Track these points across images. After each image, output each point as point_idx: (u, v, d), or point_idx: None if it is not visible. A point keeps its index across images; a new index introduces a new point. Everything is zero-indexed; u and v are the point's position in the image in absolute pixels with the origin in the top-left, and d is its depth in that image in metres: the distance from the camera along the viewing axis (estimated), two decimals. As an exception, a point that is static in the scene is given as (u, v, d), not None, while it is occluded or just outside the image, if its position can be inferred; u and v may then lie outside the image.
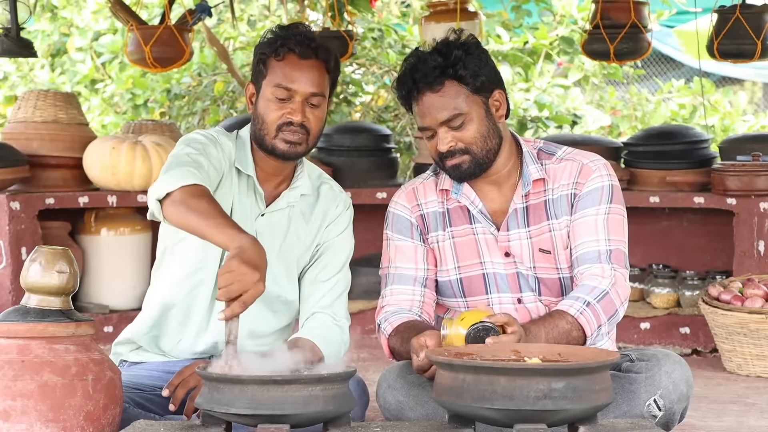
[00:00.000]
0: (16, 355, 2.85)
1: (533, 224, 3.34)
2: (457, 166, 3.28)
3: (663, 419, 3.16)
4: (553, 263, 3.34)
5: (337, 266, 3.38)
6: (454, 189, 3.37)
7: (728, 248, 5.44)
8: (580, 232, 3.32)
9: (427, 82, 3.23)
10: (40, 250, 2.95)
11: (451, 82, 3.23)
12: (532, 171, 3.34)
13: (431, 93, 3.24)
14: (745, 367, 4.82)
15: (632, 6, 5.72)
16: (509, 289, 3.35)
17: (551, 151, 3.40)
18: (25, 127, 5.69)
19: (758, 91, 12.69)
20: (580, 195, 3.34)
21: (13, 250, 5.42)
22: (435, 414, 3.15)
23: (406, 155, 7.74)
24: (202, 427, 2.77)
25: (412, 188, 3.45)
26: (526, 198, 3.35)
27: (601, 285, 3.24)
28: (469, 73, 3.23)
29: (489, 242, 3.35)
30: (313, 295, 3.35)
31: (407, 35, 8.57)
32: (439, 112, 3.23)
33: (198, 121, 8.10)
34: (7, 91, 9.36)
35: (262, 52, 3.26)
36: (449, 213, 3.39)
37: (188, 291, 3.30)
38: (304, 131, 3.23)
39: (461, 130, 3.24)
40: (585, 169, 3.36)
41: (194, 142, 3.21)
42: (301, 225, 3.36)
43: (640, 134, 5.93)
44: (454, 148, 3.26)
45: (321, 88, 3.25)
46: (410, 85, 3.27)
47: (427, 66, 3.23)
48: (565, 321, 3.17)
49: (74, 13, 9.33)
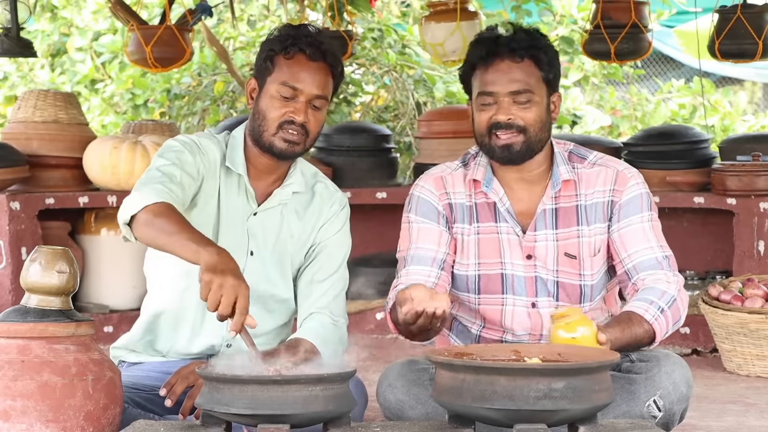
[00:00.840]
0: (16, 355, 2.85)
1: (561, 227, 3.33)
2: (508, 146, 3.25)
3: (662, 420, 3.16)
4: (577, 269, 3.33)
5: (333, 266, 3.37)
6: (485, 181, 3.34)
7: (728, 248, 5.43)
8: (630, 240, 3.31)
9: (511, 49, 3.24)
10: (40, 250, 2.95)
11: (530, 61, 3.25)
12: (562, 171, 3.33)
13: (510, 61, 3.24)
14: (745, 367, 4.82)
15: (632, 6, 5.72)
16: (525, 293, 3.34)
17: (582, 154, 3.39)
18: (25, 127, 5.69)
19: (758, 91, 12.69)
20: (620, 203, 3.33)
21: (13, 250, 5.43)
22: (435, 413, 3.14)
23: (406, 155, 7.74)
24: (202, 427, 2.77)
25: (440, 176, 3.42)
26: (555, 200, 3.33)
27: (670, 290, 3.24)
28: (548, 61, 3.27)
29: (512, 243, 3.33)
30: (311, 295, 3.34)
31: (407, 35, 8.57)
32: (512, 81, 3.23)
33: (198, 121, 8.10)
34: (7, 91, 9.36)
35: (270, 49, 3.25)
36: (476, 208, 3.37)
37: (178, 296, 3.29)
38: (303, 132, 3.23)
39: (525, 107, 3.24)
40: (621, 176, 3.35)
41: (168, 150, 3.22)
42: (294, 223, 3.35)
43: (640, 134, 5.93)
44: (513, 122, 3.23)
45: (325, 91, 3.25)
46: (492, 46, 3.26)
47: (515, 38, 3.26)
48: (642, 329, 3.17)
49: (74, 13, 9.33)
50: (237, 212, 3.30)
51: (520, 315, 3.34)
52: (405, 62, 8.26)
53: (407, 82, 8.02)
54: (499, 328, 3.38)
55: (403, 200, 3.28)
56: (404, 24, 8.98)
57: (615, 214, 3.33)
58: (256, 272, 3.26)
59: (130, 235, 3.02)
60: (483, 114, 3.27)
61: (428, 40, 5.97)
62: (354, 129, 6.25)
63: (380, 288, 5.91)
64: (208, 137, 3.32)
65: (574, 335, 3.00)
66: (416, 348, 5.48)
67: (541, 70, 3.26)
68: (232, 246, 3.23)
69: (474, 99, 3.31)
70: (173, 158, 3.18)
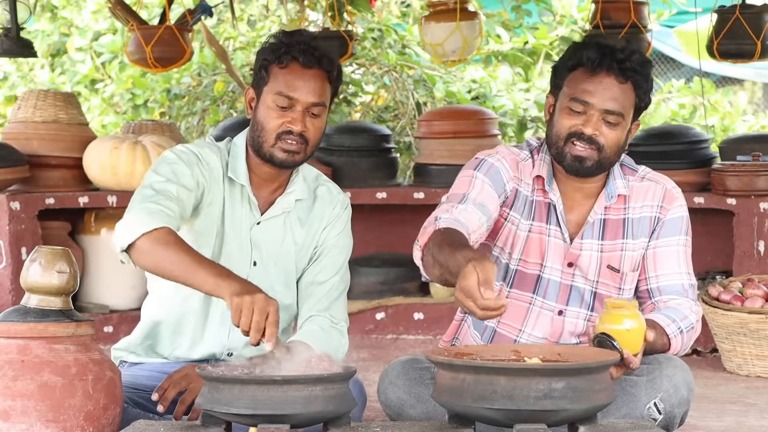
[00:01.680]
0: (16, 355, 2.85)
1: (608, 239, 3.32)
2: (581, 159, 3.22)
3: (663, 423, 3.16)
4: (618, 282, 3.33)
5: (335, 267, 3.34)
6: (548, 180, 3.31)
7: (728, 248, 5.43)
8: (662, 261, 3.32)
9: (620, 69, 3.19)
10: (40, 250, 2.95)
11: (631, 86, 3.21)
12: (618, 185, 3.32)
13: (614, 79, 3.20)
14: (745, 367, 4.82)
15: (632, 6, 5.72)
16: (555, 299, 3.33)
17: (633, 167, 3.39)
18: (25, 127, 5.69)
19: (758, 91, 12.69)
20: (664, 221, 3.33)
21: (13, 250, 5.43)
22: (435, 412, 3.14)
23: (405, 155, 7.74)
24: (202, 427, 2.77)
25: (517, 159, 3.34)
26: (606, 210, 3.33)
27: (690, 317, 3.25)
28: (644, 91, 3.24)
29: (557, 248, 3.32)
30: (312, 296, 3.32)
31: (407, 35, 8.57)
32: (611, 99, 3.19)
33: (198, 121, 8.10)
34: (7, 91, 9.36)
35: (264, 58, 3.22)
36: (535, 204, 3.34)
37: (178, 304, 3.28)
38: (302, 141, 3.20)
39: (611, 128, 3.21)
40: (669, 194, 3.35)
41: (163, 164, 3.18)
42: (297, 230, 3.33)
43: (640, 134, 5.92)
44: (596, 138, 3.20)
45: (322, 98, 3.21)
46: (605, 56, 3.20)
47: (629, 57, 3.20)
48: (662, 341, 3.17)
49: (74, 13, 9.33)
50: (240, 222, 3.28)
51: (544, 319, 3.34)
52: (405, 62, 8.27)
53: (407, 82, 8.03)
54: (517, 327, 3.37)
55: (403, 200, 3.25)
56: (404, 24, 8.98)
57: (656, 231, 3.34)
58: (260, 283, 3.23)
59: (128, 261, 3.01)
60: (568, 119, 3.23)
61: (428, 40, 5.97)
62: (354, 129, 6.25)
63: (380, 288, 5.91)
64: (208, 146, 3.28)
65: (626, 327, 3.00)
66: (416, 348, 5.49)
67: (637, 96, 3.23)
68: (236, 256, 3.23)
69: (562, 98, 3.26)
70: (167, 172, 3.14)
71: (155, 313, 3.33)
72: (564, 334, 3.34)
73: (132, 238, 2.95)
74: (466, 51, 5.91)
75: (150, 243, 2.94)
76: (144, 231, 2.95)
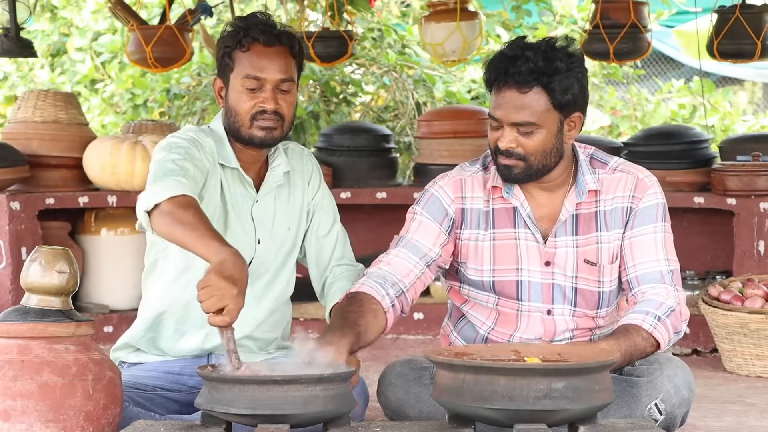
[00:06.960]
0: (16, 355, 2.85)
1: (581, 234, 3.32)
2: (508, 167, 3.23)
3: (664, 423, 3.15)
4: (596, 276, 3.33)
5: (331, 217, 3.48)
6: (506, 188, 3.31)
7: (728, 248, 5.43)
8: (639, 250, 3.31)
9: (517, 81, 3.16)
10: (40, 250, 2.95)
11: (540, 89, 3.17)
12: (588, 181, 3.31)
13: (516, 91, 3.17)
14: (745, 367, 4.82)
15: (632, 6, 5.72)
16: (541, 300, 3.33)
17: (604, 160, 3.38)
18: (25, 127, 5.69)
19: (758, 91, 12.69)
20: (637, 210, 3.32)
21: (13, 250, 5.43)
22: (435, 412, 3.15)
23: (405, 155, 7.74)
24: (202, 427, 2.77)
25: (460, 179, 3.38)
26: (578, 206, 3.32)
27: (668, 302, 3.24)
28: (561, 89, 3.17)
29: (530, 249, 3.32)
30: (323, 250, 3.44)
31: (407, 35, 8.57)
32: (515, 112, 3.17)
33: (198, 121, 8.09)
34: (7, 91, 9.35)
35: (226, 45, 3.30)
36: (494, 213, 3.34)
37: (182, 291, 3.30)
38: (278, 117, 3.27)
39: (527, 137, 3.19)
40: (641, 183, 3.34)
41: (176, 147, 3.21)
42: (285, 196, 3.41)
43: (640, 134, 5.93)
44: (513, 150, 3.20)
45: (289, 73, 3.29)
46: (500, 74, 3.19)
47: (525, 64, 3.15)
48: (641, 337, 3.17)
49: (74, 13, 9.32)
50: (240, 202, 3.34)
51: (534, 321, 3.34)
52: (405, 62, 8.26)
53: (407, 82, 8.02)
54: (509, 332, 3.37)
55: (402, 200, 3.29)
56: (404, 24, 8.97)
57: (630, 221, 3.33)
58: (264, 261, 3.31)
59: (147, 224, 3.01)
60: (492, 133, 3.26)
61: (428, 40, 5.97)
62: (354, 129, 6.25)
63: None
64: (200, 131, 3.34)
65: None
66: (416, 348, 5.49)
67: (552, 98, 3.17)
68: (241, 237, 3.27)
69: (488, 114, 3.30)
70: (184, 153, 3.18)
71: (157, 305, 3.35)
72: (557, 332, 3.34)
73: (159, 200, 2.97)
74: (466, 51, 5.91)
75: (172, 206, 2.96)
76: (172, 195, 2.98)
